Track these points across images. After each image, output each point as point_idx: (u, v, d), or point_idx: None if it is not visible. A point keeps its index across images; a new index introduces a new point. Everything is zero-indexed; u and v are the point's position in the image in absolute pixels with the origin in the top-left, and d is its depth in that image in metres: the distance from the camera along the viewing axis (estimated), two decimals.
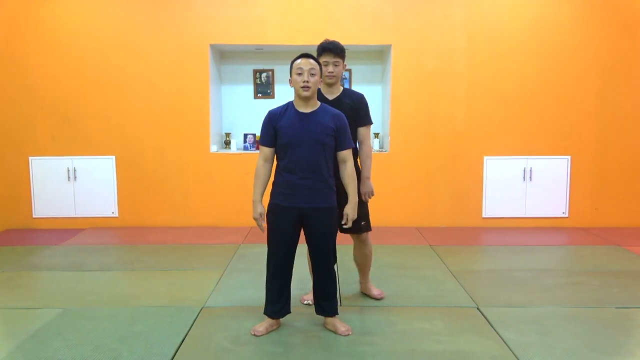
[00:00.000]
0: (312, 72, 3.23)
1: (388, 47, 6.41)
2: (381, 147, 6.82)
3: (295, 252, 3.41)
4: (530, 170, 6.43)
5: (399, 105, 6.39)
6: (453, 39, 6.31)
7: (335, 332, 3.41)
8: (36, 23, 6.25)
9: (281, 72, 6.93)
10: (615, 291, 4.18)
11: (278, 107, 3.39)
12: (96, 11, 6.27)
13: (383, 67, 6.85)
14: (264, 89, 6.98)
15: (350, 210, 3.34)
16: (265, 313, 3.45)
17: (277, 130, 3.28)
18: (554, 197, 6.47)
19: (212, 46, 6.42)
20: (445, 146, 6.42)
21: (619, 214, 6.50)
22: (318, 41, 6.23)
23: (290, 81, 3.31)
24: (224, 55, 6.93)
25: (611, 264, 4.97)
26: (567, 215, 6.50)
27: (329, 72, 3.65)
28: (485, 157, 6.43)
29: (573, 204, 6.48)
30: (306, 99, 3.26)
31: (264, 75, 6.96)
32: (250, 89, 7.01)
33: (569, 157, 6.43)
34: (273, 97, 6.96)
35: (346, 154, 3.34)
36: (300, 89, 3.22)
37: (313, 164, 3.24)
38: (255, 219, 3.36)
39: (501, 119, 6.39)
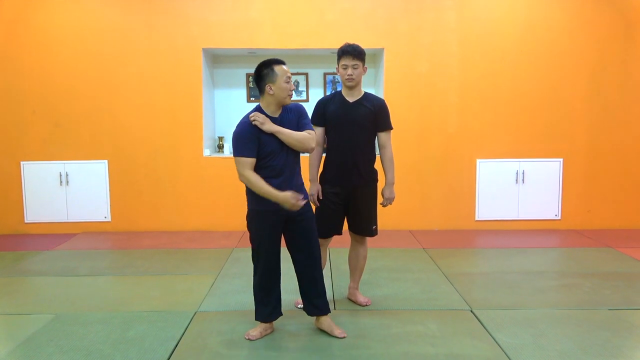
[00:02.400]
0: (291, 79, 3.28)
1: (380, 50, 6.43)
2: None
3: (279, 258, 3.41)
4: (523, 173, 6.46)
5: (392, 108, 6.22)
6: (445, 42, 6.33)
7: (331, 333, 3.41)
8: (28, 27, 6.23)
9: None
10: (608, 293, 4.20)
11: (251, 117, 3.27)
12: (88, 15, 6.25)
13: (375, 70, 6.86)
14: (257, 92, 6.97)
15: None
16: (257, 319, 3.44)
17: (260, 140, 3.22)
18: (546, 199, 6.50)
19: (205, 50, 6.41)
20: (438, 149, 6.44)
21: (611, 215, 6.54)
22: (310, 45, 6.32)
23: (270, 87, 3.20)
24: (216, 59, 6.92)
25: (603, 265, 4.99)
26: (559, 218, 6.53)
27: (347, 75, 3.67)
28: (478, 160, 6.45)
29: (565, 206, 6.51)
30: (284, 106, 3.30)
31: None
32: (243, 92, 7.01)
33: (561, 159, 6.46)
34: None
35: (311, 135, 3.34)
36: (288, 97, 3.26)
37: (294, 165, 3.34)
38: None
39: (493, 122, 6.42)
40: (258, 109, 3.30)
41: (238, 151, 3.27)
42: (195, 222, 6.49)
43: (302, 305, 3.85)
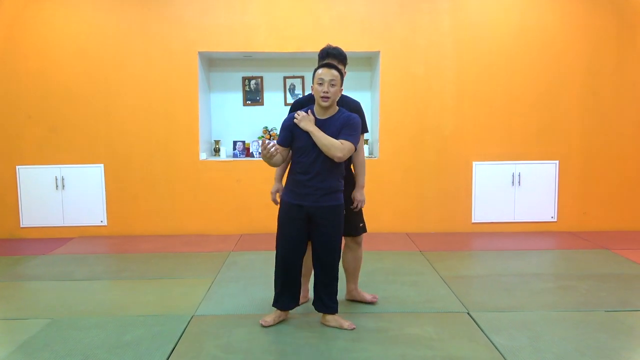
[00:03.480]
0: (333, 82, 3.38)
1: (376, 53, 6.44)
2: (370, 153, 6.84)
3: (304, 249, 3.58)
4: (519, 175, 6.47)
5: (388, 112, 6.41)
6: (440, 45, 6.35)
7: (340, 327, 3.57)
8: (23, 32, 6.22)
9: (270, 79, 6.94)
10: (604, 295, 4.21)
11: (301, 110, 3.53)
12: (84, 20, 6.25)
13: (372, 73, 6.87)
14: (253, 96, 6.98)
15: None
16: (274, 305, 3.63)
17: (294, 134, 3.47)
18: (542, 201, 6.51)
19: (201, 54, 6.41)
20: (434, 152, 6.45)
21: (607, 217, 6.56)
22: (306, 48, 6.33)
23: (312, 88, 3.45)
24: (212, 62, 6.92)
25: (600, 267, 5.00)
26: (555, 220, 6.54)
27: None
28: (474, 163, 6.46)
29: (561, 208, 6.53)
30: (325, 107, 3.42)
31: (252, 82, 6.96)
32: (239, 96, 7.00)
33: (556, 161, 6.48)
34: (262, 104, 6.96)
35: (346, 145, 3.41)
36: (320, 99, 3.39)
37: (325, 166, 3.43)
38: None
39: (489, 124, 6.44)
40: (311, 108, 3.52)
41: (278, 137, 3.60)
42: (192, 226, 6.48)
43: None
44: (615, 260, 5.24)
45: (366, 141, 6.82)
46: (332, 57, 3.70)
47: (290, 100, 6.94)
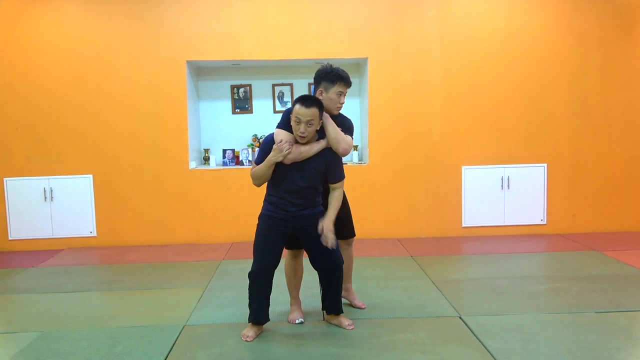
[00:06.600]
0: (310, 122, 3.31)
1: (364, 60, 6.47)
2: (360, 159, 6.85)
3: (277, 265, 3.55)
4: (508, 179, 6.51)
5: (377, 118, 6.43)
6: (428, 51, 6.39)
7: (339, 326, 3.67)
8: (8, 42, 6.19)
9: (258, 88, 6.94)
10: (595, 296, 4.23)
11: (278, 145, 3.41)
12: (71, 30, 6.23)
13: (360, 80, 6.90)
14: (241, 104, 6.98)
15: (327, 223, 3.43)
16: (251, 321, 3.57)
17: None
18: (531, 204, 6.55)
19: (189, 62, 6.41)
20: (424, 157, 6.47)
21: (596, 219, 6.60)
22: (294, 56, 6.34)
23: (291, 119, 3.37)
24: (201, 71, 6.92)
25: (590, 269, 5.03)
26: (545, 222, 6.58)
27: (340, 104, 3.61)
28: (463, 167, 6.49)
29: (551, 211, 6.57)
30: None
31: (241, 90, 6.96)
32: (228, 104, 7.00)
33: (545, 164, 6.52)
34: (251, 112, 6.96)
35: (336, 185, 3.54)
36: (298, 137, 3.35)
37: (302, 194, 3.45)
38: (277, 150, 3.34)
39: (478, 129, 6.47)
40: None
41: (257, 157, 3.55)
42: (182, 235, 6.45)
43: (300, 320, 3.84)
44: (605, 261, 5.28)
45: (356, 147, 6.84)
46: (345, 82, 3.59)
47: (280, 107, 6.94)
